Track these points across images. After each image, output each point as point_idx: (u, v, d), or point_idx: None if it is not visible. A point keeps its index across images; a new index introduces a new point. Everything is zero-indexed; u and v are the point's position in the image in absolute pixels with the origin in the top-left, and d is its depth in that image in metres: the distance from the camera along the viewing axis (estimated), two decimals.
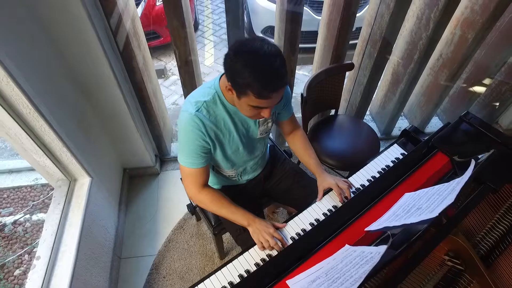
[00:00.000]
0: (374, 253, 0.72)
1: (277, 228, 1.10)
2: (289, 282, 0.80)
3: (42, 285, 1.20)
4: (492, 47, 1.90)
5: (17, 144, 1.30)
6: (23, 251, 1.81)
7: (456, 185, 0.82)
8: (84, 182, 1.51)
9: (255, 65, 0.87)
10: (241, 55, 0.89)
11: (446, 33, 1.94)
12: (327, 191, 1.21)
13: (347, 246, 0.86)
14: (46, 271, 1.24)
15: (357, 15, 2.98)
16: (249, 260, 1.02)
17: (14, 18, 1.08)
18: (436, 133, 1.20)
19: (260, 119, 1.16)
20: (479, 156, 1.04)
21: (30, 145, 1.26)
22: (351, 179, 1.24)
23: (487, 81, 2.18)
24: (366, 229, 0.92)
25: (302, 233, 1.07)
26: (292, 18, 1.57)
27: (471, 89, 2.17)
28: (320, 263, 0.84)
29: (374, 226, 0.90)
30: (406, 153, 1.30)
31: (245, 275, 0.96)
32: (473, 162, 0.89)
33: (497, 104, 2.32)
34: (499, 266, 0.93)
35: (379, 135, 2.40)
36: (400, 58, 2.00)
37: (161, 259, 1.76)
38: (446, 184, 0.88)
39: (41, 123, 1.19)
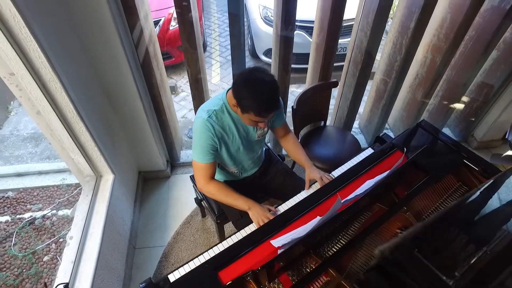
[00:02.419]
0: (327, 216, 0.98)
1: (270, 211, 1.36)
2: (272, 241, 1.06)
3: (75, 258, 1.47)
4: (460, 69, 2.20)
5: (57, 144, 1.60)
6: (50, 241, 2.07)
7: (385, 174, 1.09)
8: (108, 178, 1.80)
9: (256, 94, 1.18)
10: (247, 84, 1.20)
11: (420, 56, 2.25)
12: (313, 182, 1.48)
13: (318, 217, 1.13)
14: (78, 247, 1.51)
15: (344, 41, 3.32)
16: (243, 234, 1.28)
17: (67, 46, 1.41)
18: (397, 136, 1.48)
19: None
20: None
21: (69, 144, 1.56)
22: (332, 172, 1.52)
23: (461, 98, 2.46)
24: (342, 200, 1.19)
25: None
26: (285, 42, 1.88)
27: (446, 105, 2.45)
28: (296, 229, 1.10)
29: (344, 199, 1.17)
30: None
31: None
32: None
33: (473, 119, 2.60)
34: None
35: (366, 146, 2.67)
36: (381, 77, 2.30)
37: (170, 249, 2.01)
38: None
39: (80, 125, 1.49)
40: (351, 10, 2.00)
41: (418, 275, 0.65)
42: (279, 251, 1.00)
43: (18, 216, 2.20)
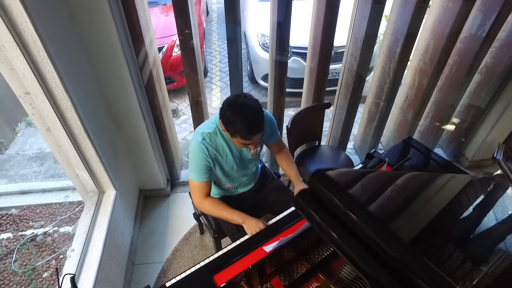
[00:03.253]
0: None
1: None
2: (264, 247, 1.12)
3: (76, 270, 1.51)
4: (446, 91, 2.32)
5: (64, 160, 1.69)
6: (50, 257, 2.11)
7: None
8: (110, 194, 1.87)
9: (239, 118, 1.26)
10: (231, 110, 1.29)
11: (409, 80, 2.39)
12: None
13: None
14: (79, 260, 1.55)
15: (337, 66, 3.48)
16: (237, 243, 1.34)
17: (79, 67, 1.53)
18: (386, 151, 1.57)
19: None
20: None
21: (75, 159, 1.65)
22: None
23: (450, 119, 2.57)
24: None
25: None
26: (280, 66, 2.02)
27: (436, 125, 2.55)
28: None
29: None
30: None
31: None
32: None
33: (463, 139, 2.69)
34: None
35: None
36: (372, 99, 2.43)
37: (168, 265, 2.05)
38: None
39: (87, 141, 1.58)
40: (343, 38, 2.15)
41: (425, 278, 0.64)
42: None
43: (20, 233, 2.25)
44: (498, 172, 2.42)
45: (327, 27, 1.85)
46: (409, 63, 2.31)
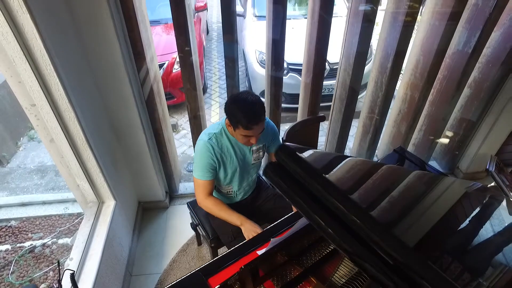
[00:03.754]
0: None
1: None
2: (258, 252, 1.16)
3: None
4: (438, 105, 2.40)
5: (65, 170, 1.74)
6: (48, 268, 2.12)
7: None
8: (110, 204, 1.91)
9: (241, 108, 1.37)
10: (235, 102, 1.40)
11: (401, 94, 2.47)
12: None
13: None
14: (78, 268, 1.58)
15: (332, 82, 3.58)
16: None
17: (83, 81, 1.61)
18: (379, 160, 1.62)
19: (253, 149, 1.61)
20: None
21: (77, 170, 1.70)
22: None
23: (443, 132, 2.64)
24: None
25: None
26: (276, 81, 2.10)
27: (430, 138, 2.61)
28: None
29: None
30: None
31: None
32: None
33: (456, 152, 2.75)
34: None
35: None
36: (366, 113, 2.50)
37: (166, 276, 2.06)
38: None
39: (88, 152, 1.64)
40: (338, 55, 2.24)
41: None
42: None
43: (18, 245, 2.27)
44: (492, 184, 2.48)
45: (320, 44, 1.94)
46: (401, 77, 2.40)
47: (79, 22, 1.52)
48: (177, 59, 3.71)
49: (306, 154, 0.84)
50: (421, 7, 2.09)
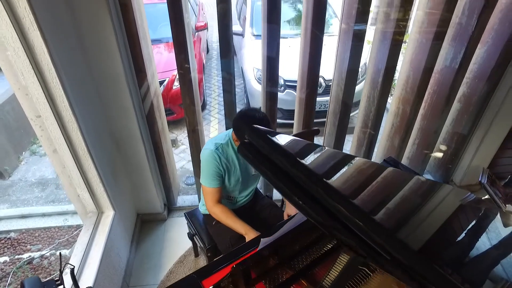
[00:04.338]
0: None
1: None
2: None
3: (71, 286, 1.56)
4: (429, 119, 2.47)
5: (66, 180, 1.80)
6: (45, 280, 2.13)
7: None
8: (109, 214, 1.95)
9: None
10: (243, 118, 1.48)
11: (393, 108, 2.55)
12: (291, 217, 1.64)
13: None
14: (76, 275, 1.60)
15: (326, 98, 3.66)
16: None
17: (86, 93, 1.69)
18: None
19: None
20: None
21: (78, 180, 1.75)
22: None
23: (435, 145, 2.70)
24: None
25: None
26: (271, 96, 2.19)
27: (423, 152, 2.68)
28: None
29: None
30: None
31: None
32: None
33: (450, 165, 2.80)
34: None
35: None
36: (360, 127, 2.57)
37: (162, 287, 2.07)
38: None
39: (89, 162, 1.70)
40: (331, 71, 2.34)
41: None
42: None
43: (16, 256, 2.29)
44: (486, 197, 2.52)
45: (313, 60, 2.04)
46: (393, 92, 2.49)
47: (84, 38, 1.62)
48: (177, 76, 3.82)
49: (272, 134, 0.98)
50: (410, 26, 2.21)
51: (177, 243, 2.37)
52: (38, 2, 1.22)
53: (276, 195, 2.58)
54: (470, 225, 1.28)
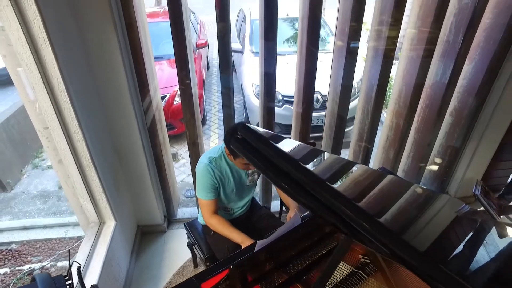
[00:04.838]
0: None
1: None
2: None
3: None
4: (422, 132, 2.55)
5: (70, 190, 1.85)
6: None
7: None
8: (110, 224, 1.99)
9: None
10: (234, 132, 1.52)
11: (388, 121, 2.63)
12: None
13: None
14: (76, 285, 1.63)
15: (323, 113, 3.73)
16: None
17: (91, 106, 1.77)
18: None
19: (249, 172, 1.76)
20: None
21: (81, 190, 1.81)
22: None
23: (430, 158, 2.77)
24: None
25: None
26: (268, 111, 2.27)
27: (418, 164, 2.74)
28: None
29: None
30: None
31: None
32: None
33: (444, 178, 2.86)
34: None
35: None
36: (356, 141, 2.65)
37: None
38: None
39: (93, 172, 1.76)
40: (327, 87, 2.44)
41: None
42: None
43: (17, 268, 2.31)
44: (481, 209, 2.56)
45: (308, 76, 2.13)
46: (388, 106, 2.58)
47: (91, 54, 1.72)
48: (178, 92, 3.94)
49: (261, 130, 1.09)
50: (401, 42, 2.32)
51: (176, 254, 2.40)
52: (51, 21, 1.32)
53: (274, 206, 2.62)
54: (467, 237, 1.33)
